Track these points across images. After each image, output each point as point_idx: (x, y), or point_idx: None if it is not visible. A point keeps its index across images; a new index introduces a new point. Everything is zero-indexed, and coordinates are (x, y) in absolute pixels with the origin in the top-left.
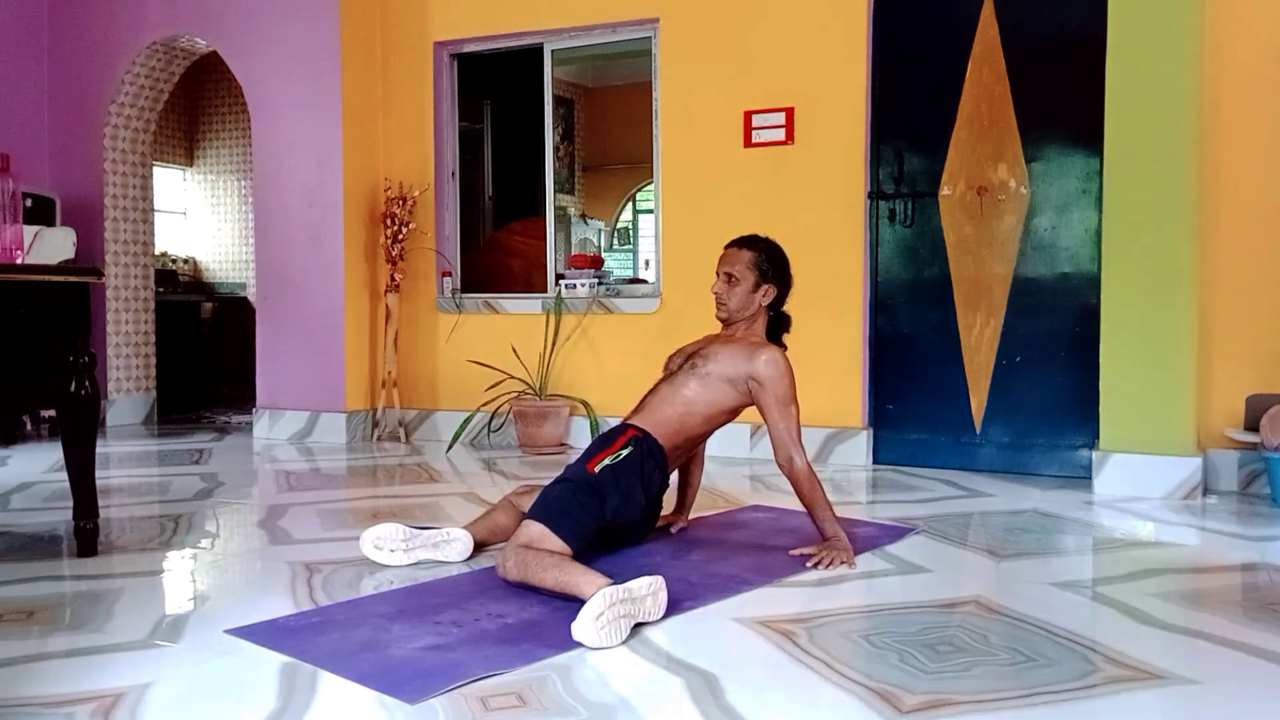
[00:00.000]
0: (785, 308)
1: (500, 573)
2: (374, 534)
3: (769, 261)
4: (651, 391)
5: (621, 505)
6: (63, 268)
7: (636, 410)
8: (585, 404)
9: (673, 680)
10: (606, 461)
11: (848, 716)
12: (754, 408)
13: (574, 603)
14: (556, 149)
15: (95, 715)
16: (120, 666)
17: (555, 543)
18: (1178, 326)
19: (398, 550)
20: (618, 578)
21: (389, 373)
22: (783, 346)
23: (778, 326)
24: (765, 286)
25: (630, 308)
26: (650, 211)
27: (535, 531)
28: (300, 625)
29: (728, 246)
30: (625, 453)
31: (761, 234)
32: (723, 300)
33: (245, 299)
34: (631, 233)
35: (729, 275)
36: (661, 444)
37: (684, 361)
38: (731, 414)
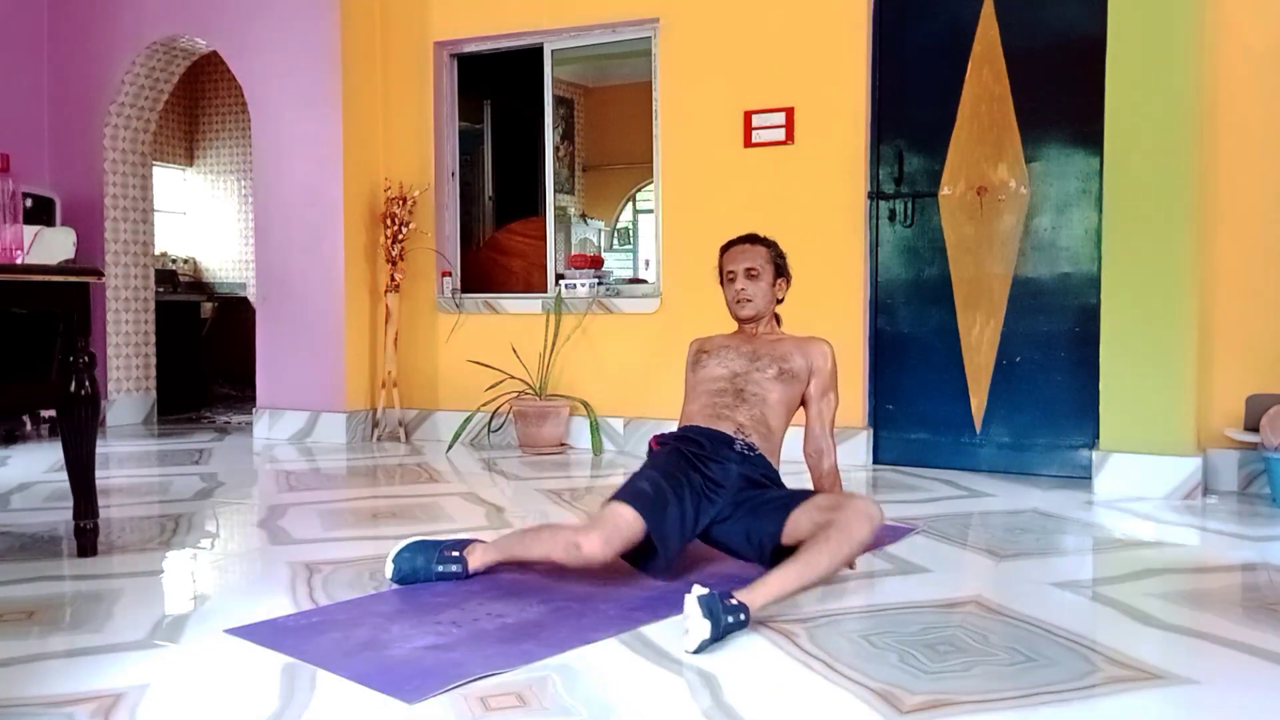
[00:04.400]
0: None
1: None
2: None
3: (781, 257)
4: (736, 405)
5: None
6: (63, 268)
7: (730, 420)
8: (585, 404)
9: (673, 680)
10: None
11: (848, 716)
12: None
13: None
14: (556, 149)
15: (95, 715)
16: (120, 666)
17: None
18: (1178, 326)
19: None
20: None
21: (389, 373)
22: None
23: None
24: (780, 281)
25: (630, 308)
26: (650, 211)
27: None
28: (300, 625)
29: (736, 244)
30: None
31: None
32: (749, 296)
33: (245, 299)
34: (631, 233)
35: (750, 270)
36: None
37: (750, 366)
38: None
